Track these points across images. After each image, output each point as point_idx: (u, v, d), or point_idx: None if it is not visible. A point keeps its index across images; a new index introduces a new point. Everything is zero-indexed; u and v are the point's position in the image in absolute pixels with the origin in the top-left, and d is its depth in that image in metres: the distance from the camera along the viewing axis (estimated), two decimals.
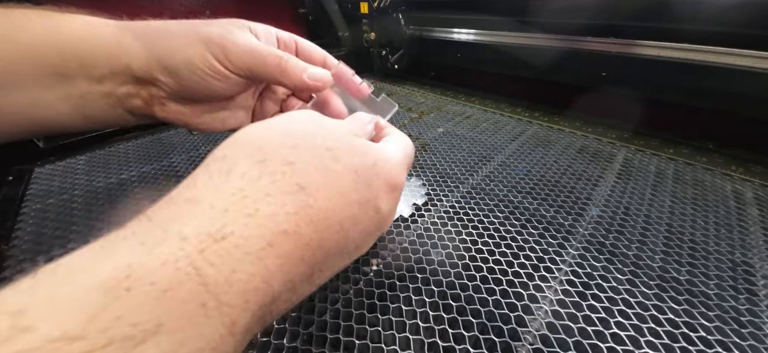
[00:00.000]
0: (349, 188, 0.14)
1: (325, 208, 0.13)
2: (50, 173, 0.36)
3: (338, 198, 0.13)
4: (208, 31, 0.21)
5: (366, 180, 0.15)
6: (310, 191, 0.13)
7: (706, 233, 0.26)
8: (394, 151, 0.18)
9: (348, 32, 0.75)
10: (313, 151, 0.14)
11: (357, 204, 0.14)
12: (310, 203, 0.12)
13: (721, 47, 0.37)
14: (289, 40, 0.25)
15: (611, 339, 0.18)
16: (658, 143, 0.43)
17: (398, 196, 0.18)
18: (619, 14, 0.44)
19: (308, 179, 0.13)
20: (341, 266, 0.16)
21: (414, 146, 0.21)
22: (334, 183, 0.14)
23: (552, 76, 0.53)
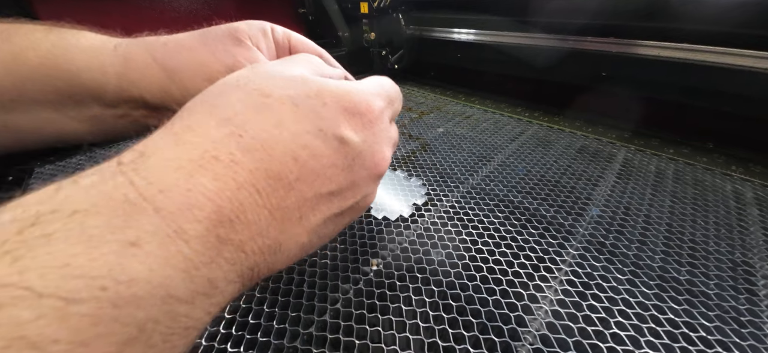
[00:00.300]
0: (287, 118, 0.14)
1: (262, 138, 0.13)
2: (50, 173, 0.35)
3: (275, 129, 0.13)
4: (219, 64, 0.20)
5: (310, 108, 0.14)
6: (237, 122, 0.13)
7: (706, 233, 0.26)
8: (356, 83, 0.17)
9: (348, 32, 0.75)
10: (241, 91, 0.14)
11: (307, 134, 0.14)
12: (240, 133, 0.13)
13: (721, 47, 0.37)
14: (283, 39, 0.24)
15: (611, 339, 0.18)
16: (658, 143, 0.43)
17: (370, 123, 0.16)
18: (619, 14, 0.44)
19: (233, 112, 0.13)
20: (327, 210, 0.15)
21: (392, 82, 0.20)
22: (267, 115, 0.14)
23: (552, 76, 0.53)
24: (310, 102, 0.14)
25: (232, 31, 0.21)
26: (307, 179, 0.14)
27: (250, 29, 0.22)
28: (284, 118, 0.14)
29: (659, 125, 0.45)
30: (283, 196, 0.13)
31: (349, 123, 0.15)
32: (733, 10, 0.37)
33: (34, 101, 0.20)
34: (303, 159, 0.14)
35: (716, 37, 0.38)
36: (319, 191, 0.14)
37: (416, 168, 0.35)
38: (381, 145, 0.17)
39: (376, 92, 0.17)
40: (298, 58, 0.18)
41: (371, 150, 0.16)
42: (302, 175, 0.14)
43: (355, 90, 0.16)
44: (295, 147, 0.14)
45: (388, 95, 0.19)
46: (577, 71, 0.50)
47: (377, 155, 0.17)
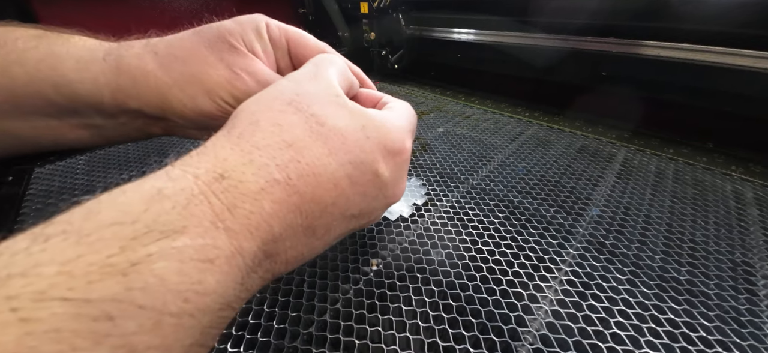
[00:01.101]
0: (337, 148, 0.15)
1: (314, 164, 0.14)
2: (50, 173, 0.35)
3: (326, 157, 0.15)
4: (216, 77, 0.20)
5: (355, 142, 0.16)
6: (297, 147, 0.14)
7: (706, 233, 0.26)
8: (391, 116, 0.18)
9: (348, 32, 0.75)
10: (299, 114, 0.15)
11: (350, 165, 0.15)
12: (298, 159, 0.14)
13: (721, 47, 0.37)
14: (279, 37, 0.22)
15: (611, 339, 0.18)
16: (658, 143, 0.43)
17: (401, 162, 0.18)
18: (619, 14, 0.44)
19: (294, 137, 0.14)
20: (344, 228, 0.17)
21: (415, 113, 0.21)
22: (321, 143, 0.15)
23: (552, 76, 0.53)
24: (356, 135, 0.16)
25: (224, 35, 0.20)
26: (340, 204, 0.15)
27: (243, 31, 0.21)
28: (335, 148, 0.15)
29: (659, 125, 0.45)
30: (318, 216, 0.15)
31: (385, 161, 0.17)
32: (733, 10, 0.37)
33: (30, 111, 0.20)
34: (342, 187, 0.15)
35: (716, 37, 0.38)
36: (345, 213, 0.16)
37: (416, 168, 0.35)
38: (403, 178, 0.19)
39: (409, 129, 0.19)
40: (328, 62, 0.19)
41: (395, 183, 0.18)
42: (337, 200, 0.15)
43: (394, 128, 0.17)
44: (338, 176, 0.15)
45: (414, 128, 0.20)
46: (577, 71, 0.50)
47: (399, 187, 0.18)
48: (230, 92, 0.20)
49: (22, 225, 0.28)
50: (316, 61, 0.19)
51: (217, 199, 0.12)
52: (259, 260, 0.13)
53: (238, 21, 0.21)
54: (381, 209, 0.18)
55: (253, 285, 0.13)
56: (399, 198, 0.19)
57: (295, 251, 0.15)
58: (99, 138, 0.22)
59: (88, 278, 0.09)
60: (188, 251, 0.10)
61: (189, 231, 0.11)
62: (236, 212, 0.12)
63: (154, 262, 0.10)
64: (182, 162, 0.13)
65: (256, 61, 0.21)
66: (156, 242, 0.10)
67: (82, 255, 0.09)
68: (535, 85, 0.56)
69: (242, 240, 0.12)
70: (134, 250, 0.10)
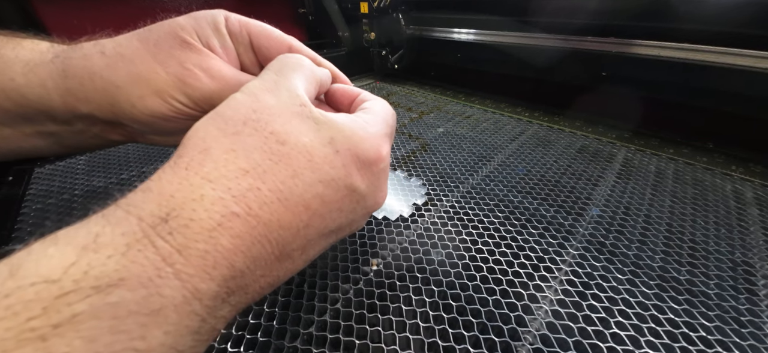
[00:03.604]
0: (302, 168, 0.14)
1: (278, 189, 0.13)
2: (50, 173, 0.36)
3: (291, 180, 0.14)
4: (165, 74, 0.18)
5: (323, 158, 0.14)
6: (256, 173, 0.13)
7: (706, 233, 0.26)
8: (363, 123, 0.17)
9: (348, 32, 0.75)
10: (256, 136, 0.14)
11: (320, 184, 0.14)
12: (258, 186, 0.13)
13: (721, 47, 0.37)
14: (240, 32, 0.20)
15: (611, 339, 0.18)
16: (658, 143, 0.43)
17: (377, 171, 0.17)
18: (619, 14, 0.44)
19: (252, 163, 0.13)
20: (325, 244, 0.16)
21: (393, 113, 0.20)
22: (283, 165, 0.14)
23: (552, 76, 0.53)
24: (324, 151, 0.15)
25: (175, 31, 0.19)
26: (315, 225, 0.14)
27: (198, 26, 0.19)
28: (300, 169, 0.14)
29: (659, 125, 0.45)
30: (290, 241, 0.14)
31: (360, 173, 0.16)
32: (733, 10, 0.37)
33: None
34: (313, 208, 0.14)
35: (716, 37, 0.38)
36: (322, 231, 0.15)
37: (416, 168, 0.35)
38: (383, 185, 0.18)
39: (384, 134, 0.17)
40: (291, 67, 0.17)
41: (374, 193, 0.17)
42: (311, 222, 0.14)
43: (367, 136, 0.16)
44: (308, 197, 0.14)
45: (392, 130, 0.19)
46: (577, 71, 0.50)
47: (379, 195, 0.17)
48: (182, 90, 0.18)
49: (22, 226, 0.28)
50: (278, 67, 0.17)
51: (164, 242, 0.11)
52: (223, 298, 0.12)
53: (192, 16, 0.19)
54: (363, 219, 0.18)
55: (223, 319, 0.12)
56: (381, 205, 0.18)
57: (270, 278, 0.14)
58: (58, 146, 0.21)
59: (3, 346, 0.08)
60: (126, 305, 0.09)
61: (127, 282, 0.10)
62: (188, 254, 0.11)
63: (82, 323, 0.09)
64: (127, 201, 0.12)
65: (211, 57, 0.19)
66: (85, 300, 0.09)
67: None
68: (535, 85, 0.56)
69: (198, 283, 0.11)
70: (58, 311, 0.09)
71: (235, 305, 0.13)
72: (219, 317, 0.12)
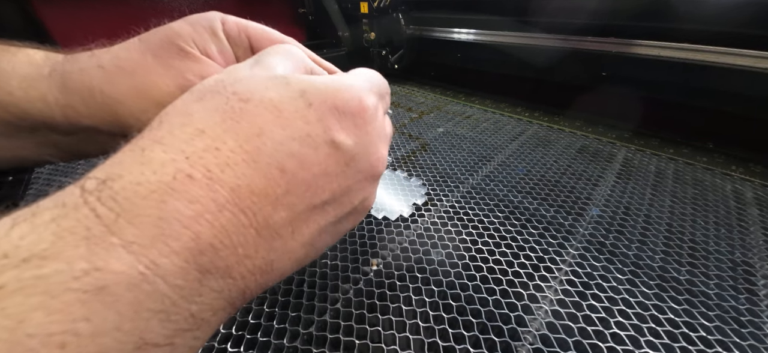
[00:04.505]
0: (269, 125, 0.12)
1: (243, 149, 0.12)
2: (50, 174, 0.36)
3: (258, 138, 0.12)
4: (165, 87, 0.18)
5: (294, 112, 0.13)
6: (213, 134, 0.12)
7: (706, 233, 0.26)
8: (341, 77, 0.15)
9: (348, 32, 0.75)
10: (218, 96, 0.13)
11: (293, 141, 0.13)
12: (217, 146, 0.11)
13: (721, 47, 0.37)
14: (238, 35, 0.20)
15: (611, 339, 0.18)
16: (658, 143, 0.43)
17: (364, 123, 0.15)
18: (619, 14, 0.44)
19: (210, 123, 0.12)
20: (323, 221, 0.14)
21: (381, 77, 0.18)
22: (247, 123, 0.12)
23: (552, 76, 0.53)
24: (294, 104, 0.13)
25: (172, 40, 0.18)
26: (297, 192, 0.13)
27: (195, 32, 0.19)
28: (266, 125, 0.12)
29: (659, 125, 0.45)
30: (271, 212, 0.12)
31: (341, 125, 0.14)
32: (733, 10, 0.37)
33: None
34: (291, 170, 0.13)
35: (716, 37, 0.38)
36: (312, 202, 0.13)
37: (416, 168, 0.35)
38: (376, 145, 0.16)
39: (367, 88, 0.16)
40: (277, 50, 0.16)
41: (366, 152, 0.15)
42: (291, 187, 0.13)
43: (345, 87, 0.14)
44: (280, 157, 0.12)
45: (379, 88, 0.17)
46: (577, 71, 0.50)
47: (373, 156, 0.15)
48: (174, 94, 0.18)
49: None
50: (265, 50, 0.16)
51: (106, 209, 0.09)
52: (195, 277, 0.10)
53: (189, 21, 0.19)
54: (363, 188, 0.16)
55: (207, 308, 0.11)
56: (381, 168, 0.16)
57: (258, 260, 0.12)
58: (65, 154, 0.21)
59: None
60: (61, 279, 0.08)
61: (64, 254, 0.08)
62: (139, 222, 0.10)
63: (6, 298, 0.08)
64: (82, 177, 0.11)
65: (210, 64, 0.19)
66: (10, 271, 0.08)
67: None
68: (535, 85, 0.56)
69: (155, 256, 0.09)
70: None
71: (220, 291, 0.11)
72: (202, 304, 0.11)
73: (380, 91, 0.17)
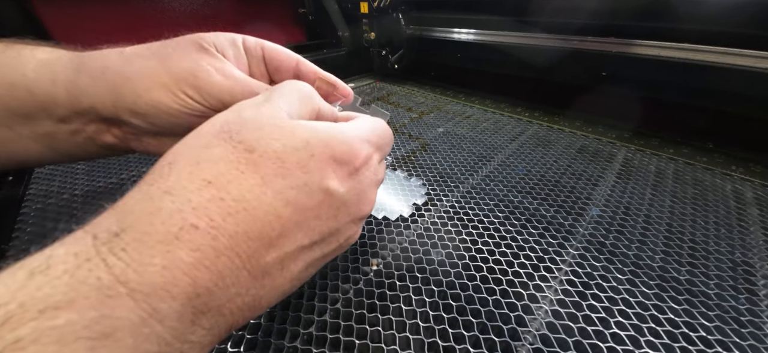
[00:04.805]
0: (272, 175, 0.13)
1: (244, 198, 0.13)
2: (50, 173, 0.35)
3: (259, 188, 0.13)
4: (178, 68, 0.19)
5: (296, 163, 0.14)
6: (220, 184, 0.12)
7: (706, 233, 0.26)
8: (345, 126, 0.16)
9: (348, 32, 0.75)
10: (224, 145, 0.13)
11: (292, 190, 0.14)
12: (221, 196, 0.12)
13: (721, 47, 0.37)
14: (255, 47, 0.22)
15: (611, 339, 0.18)
16: (658, 143, 0.43)
17: (356, 172, 0.16)
18: (619, 14, 0.44)
19: (216, 173, 0.13)
20: (310, 258, 0.15)
21: (388, 129, 0.19)
22: (251, 173, 0.13)
23: (552, 76, 0.53)
24: (298, 155, 0.14)
25: (195, 39, 0.20)
26: (290, 234, 0.14)
27: (217, 39, 0.21)
28: (269, 176, 0.13)
29: (659, 125, 0.45)
30: (264, 254, 0.13)
31: (336, 174, 0.15)
32: (733, 10, 0.37)
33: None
34: (286, 216, 0.13)
35: (716, 37, 0.38)
36: (302, 243, 0.14)
37: (416, 168, 0.35)
38: (366, 192, 0.17)
39: (364, 138, 0.17)
40: (285, 90, 0.17)
41: (356, 198, 0.16)
42: (284, 230, 0.13)
43: (345, 137, 0.16)
44: (278, 205, 0.13)
45: (379, 139, 0.18)
46: (577, 71, 0.50)
47: (362, 201, 0.16)
48: (192, 84, 0.19)
49: (22, 226, 0.28)
50: (275, 88, 0.17)
51: (116, 259, 0.10)
52: (190, 319, 0.11)
53: (214, 34, 0.21)
54: (349, 228, 0.17)
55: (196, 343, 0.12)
56: (368, 211, 0.17)
57: (248, 298, 0.13)
58: (50, 152, 0.21)
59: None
60: (72, 329, 0.09)
61: (76, 304, 0.09)
62: (143, 271, 0.10)
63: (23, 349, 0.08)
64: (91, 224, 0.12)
65: (225, 61, 0.20)
66: (28, 324, 0.09)
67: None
68: (535, 85, 0.56)
69: (156, 302, 0.10)
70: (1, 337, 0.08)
71: (210, 328, 0.12)
72: (192, 342, 0.11)
73: (380, 141, 0.18)
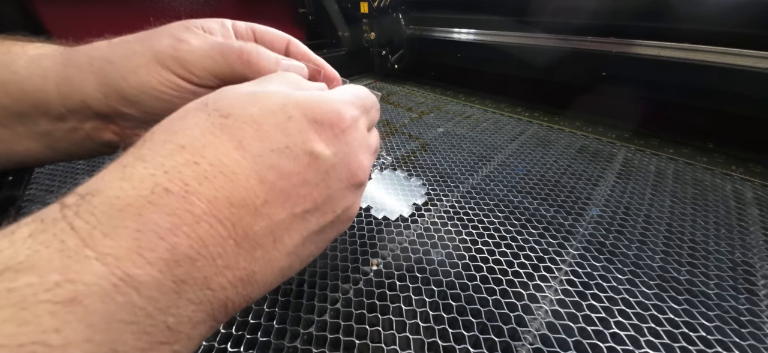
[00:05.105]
0: (248, 139, 0.13)
1: (221, 162, 0.12)
2: (50, 173, 0.35)
3: (235, 152, 0.13)
4: (159, 45, 0.19)
5: (274, 125, 0.13)
6: (193, 148, 0.12)
7: (706, 233, 0.26)
8: (324, 92, 0.16)
9: (348, 32, 0.75)
10: (200, 113, 0.13)
11: (272, 153, 0.13)
12: (195, 160, 0.12)
13: (721, 47, 0.37)
14: (246, 30, 0.22)
15: (611, 339, 0.18)
16: (658, 143, 0.43)
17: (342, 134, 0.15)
18: (619, 14, 0.44)
19: (191, 138, 0.12)
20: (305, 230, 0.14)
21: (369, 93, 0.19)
22: (226, 137, 0.13)
23: (552, 76, 0.53)
24: (274, 118, 0.13)
25: (182, 23, 0.20)
26: (277, 201, 0.13)
27: (204, 22, 0.21)
28: (245, 138, 0.13)
29: (659, 125, 0.45)
30: (251, 222, 0.12)
31: (319, 136, 0.14)
32: (733, 10, 0.37)
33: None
34: (270, 180, 0.13)
35: (716, 37, 0.38)
36: (293, 211, 0.14)
37: (416, 168, 0.35)
38: (356, 154, 0.16)
39: (348, 101, 0.16)
40: (272, 77, 0.17)
41: (346, 161, 0.15)
42: (270, 197, 0.13)
43: (324, 100, 0.15)
44: (260, 169, 0.13)
45: (363, 103, 0.18)
46: (577, 71, 0.50)
47: (353, 164, 0.16)
48: (172, 55, 0.18)
49: None
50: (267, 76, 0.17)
51: (83, 222, 0.10)
52: (171, 288, 0.10)
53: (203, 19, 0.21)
54: (344, 197, 0.16)
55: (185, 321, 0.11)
56: (362, 177, 0.16)
57: (239, 271, 0.12)
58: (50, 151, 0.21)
59: None
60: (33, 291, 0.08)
61: (38, 268, 0.09)
62: (116, 235, 0.10)
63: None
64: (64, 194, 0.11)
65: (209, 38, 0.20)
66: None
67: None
68: (535, 85, 0.56)
69: (129, 267, 0.10)
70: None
71: (199, 303, 0.11)
72: (178, 316, 0.11)
73: (364, 104, 0.18)
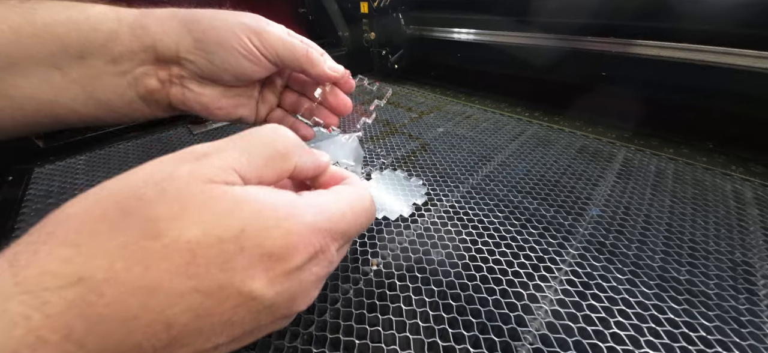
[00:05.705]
0: (171, 275, 0.10)
1: (124, 303, 0.10)
2: (50, 173, 0.36)
3: (148, 294, 0.10)
4: (244, 18, 0.23)
5: (213, 258, 0.11)
6: (94, 282, 0.10)
7: (706, 233, 0.26)
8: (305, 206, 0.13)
9: (348, 32, 0.75)
10: (125, 221, 0.11)
11: (196, 294, 0.11)
12: (92, 300, 0.10)
13: (721, 47, 0.37)
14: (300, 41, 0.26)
15: (611, 339, 0.18)
16: (658, 143, 0.43)
17: (289, 269, 0.12)
18: (619, 14, 0.44)
19: (95, 268, 0.10)
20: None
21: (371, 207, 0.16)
22: (142, 269, 0.10)
23: (552, 76, 0.53)
24: (219, 248, 0.11)
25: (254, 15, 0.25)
26: (184, 340, 0.11)
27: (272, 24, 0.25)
28: (168, 275, 0.10)
29: (659, 124, 0.45)
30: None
31: (267, 273, 0.12)
32: (733, 10, 0.37)
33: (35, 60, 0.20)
34: (181, 324, 0.11)
35: (716, 37, 0.38)
36: (203, 346, 0.12)
37: (416, 168, 0.35)
38: (307, 291, 0.14)
39: (324, 227, 0.14)
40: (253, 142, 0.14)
41: (289, 301, 0.13)
42: (176, 338, 0.11)
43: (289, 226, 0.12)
44: (173, 313, 0.10)
45: (349, 225, 0.15)
46: (577, 71, 0.50)
47: (297, 302, 0.13)
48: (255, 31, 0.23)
49: (22, 226, 0.28)
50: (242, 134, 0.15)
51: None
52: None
53: None
54: (275, 325, 0.14)
55: None
56: (304, 308, 0.14)
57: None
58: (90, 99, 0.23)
59: None
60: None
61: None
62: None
63: None
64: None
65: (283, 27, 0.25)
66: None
67: None
68: (535, 85, 0.56)
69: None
70: None
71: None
72: None
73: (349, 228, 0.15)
